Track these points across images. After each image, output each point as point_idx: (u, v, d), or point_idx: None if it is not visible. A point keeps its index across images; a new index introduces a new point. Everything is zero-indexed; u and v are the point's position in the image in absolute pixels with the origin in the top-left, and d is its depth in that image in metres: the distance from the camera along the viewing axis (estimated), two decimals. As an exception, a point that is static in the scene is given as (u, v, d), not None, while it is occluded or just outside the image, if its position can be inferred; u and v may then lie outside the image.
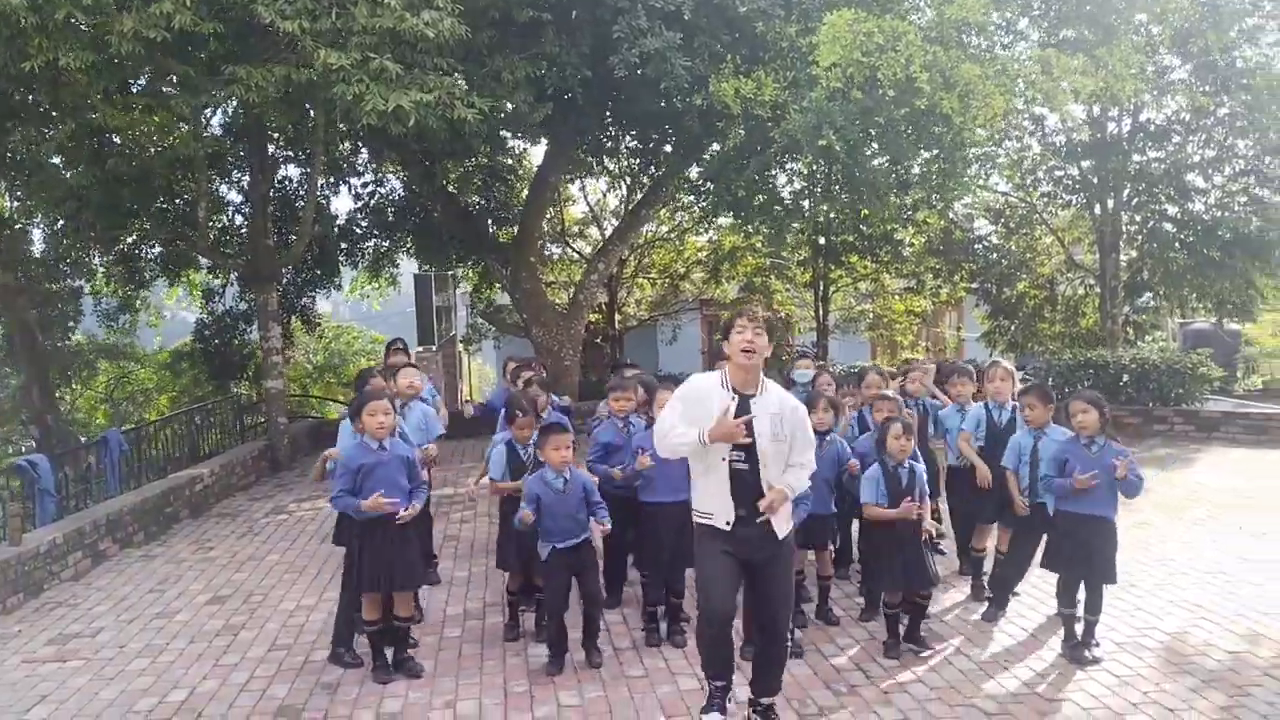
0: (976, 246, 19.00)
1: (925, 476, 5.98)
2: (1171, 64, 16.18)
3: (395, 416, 5.75)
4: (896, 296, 21.14)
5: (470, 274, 19.18)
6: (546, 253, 21.05)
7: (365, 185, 18.17)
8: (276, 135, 13.75)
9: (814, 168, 12.83)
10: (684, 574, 6.06)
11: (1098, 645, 5.76)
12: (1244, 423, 12.56)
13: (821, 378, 7.79)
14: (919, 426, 6.82)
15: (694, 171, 13.10)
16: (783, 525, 4.64)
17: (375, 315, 28.57)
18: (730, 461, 4.53)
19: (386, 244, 18.74)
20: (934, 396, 7.66)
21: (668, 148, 13.66)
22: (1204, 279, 16.41)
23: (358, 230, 18.42)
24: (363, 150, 16.42)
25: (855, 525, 6.96)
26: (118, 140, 11.92)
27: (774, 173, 13.07)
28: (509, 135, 12.54)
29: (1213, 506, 9.30)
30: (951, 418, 7.16)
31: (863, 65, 10.69)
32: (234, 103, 10.33)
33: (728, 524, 4.55)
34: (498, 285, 18.09)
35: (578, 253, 20.67)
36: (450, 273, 18.49)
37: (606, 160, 15.20)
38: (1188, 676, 5.39)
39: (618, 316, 21.96)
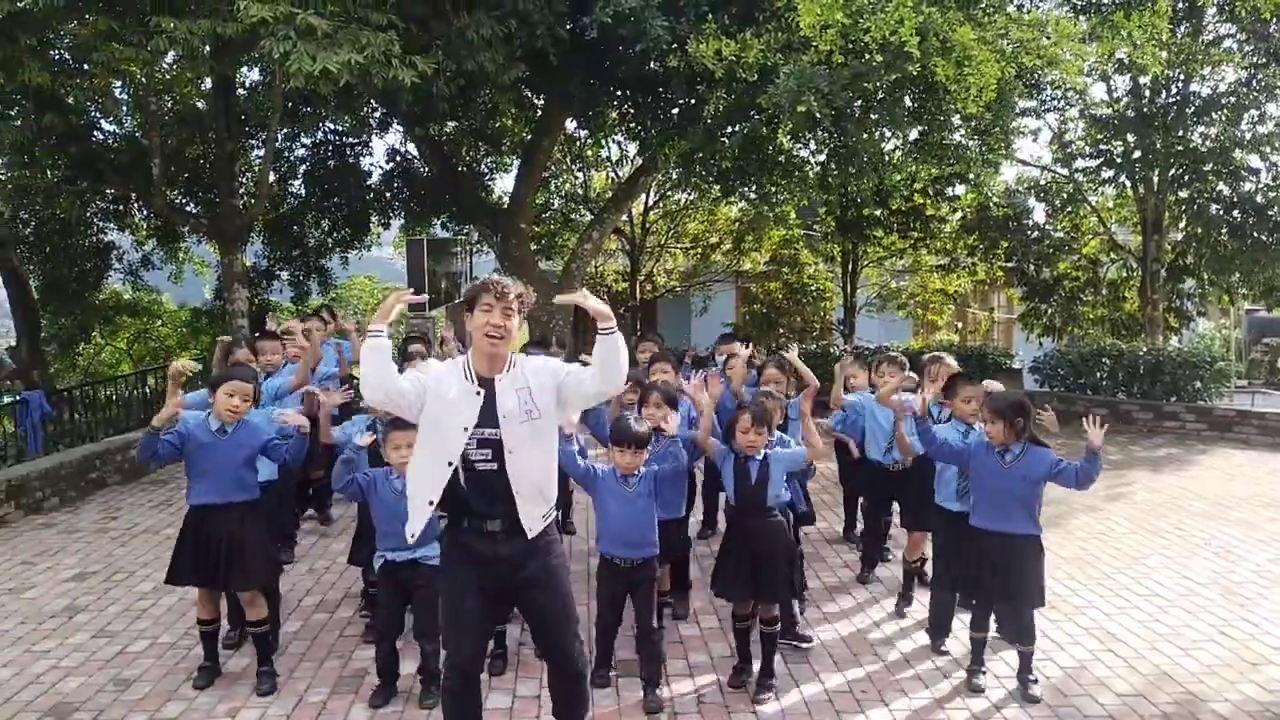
0: (1014, 224, 17.92)
1: (789, 479, 5.16)
2: (1223, 33, 14.95)
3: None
4: (933, 275, 20.24)
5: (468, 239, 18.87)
6: (574, 218, 20.69)
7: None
8: (244, 92, 13.45)
9: (804, 136, 12.05)
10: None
11: (1035, 681, 5.02)
12: (1259, 423, 11.52)
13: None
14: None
15: (682, 142, 12.37)
16: (535, 521, 3.74)
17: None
18: (470, 462, 3.67)
19: (414, 205, 18.43)
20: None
21: (654, 115, 12.97)
22: (1253, 264, 15.23)
23: (393, 191, 18.16)
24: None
25: None
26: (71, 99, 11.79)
27: (778, 140, 12.32)
28: (485, 98, 11.96)
29: (1187, 516, 8.47)
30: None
31: (847, 26, 9.94)
32: (168, 57, 10.00)
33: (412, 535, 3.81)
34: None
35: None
36: (461, 237, 18.16)
37: (594, 127, 14.55)
38: (1058, 722, 4.75)
39: (647, 285, 21.51)
